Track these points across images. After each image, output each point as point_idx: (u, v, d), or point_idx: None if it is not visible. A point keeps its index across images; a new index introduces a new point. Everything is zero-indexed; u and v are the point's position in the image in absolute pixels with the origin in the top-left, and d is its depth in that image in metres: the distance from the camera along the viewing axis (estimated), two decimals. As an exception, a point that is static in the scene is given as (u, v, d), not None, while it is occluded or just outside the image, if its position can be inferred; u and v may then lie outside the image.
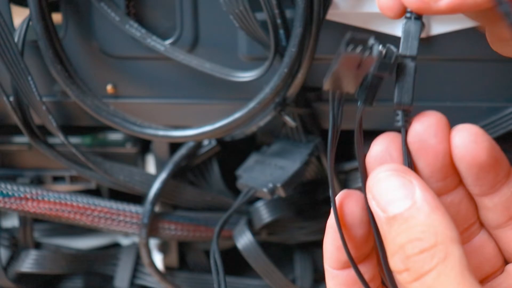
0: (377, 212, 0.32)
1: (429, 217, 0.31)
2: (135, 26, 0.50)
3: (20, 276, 0.62)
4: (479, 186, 0.35)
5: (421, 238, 0.30)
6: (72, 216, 0.56)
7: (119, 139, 0.59)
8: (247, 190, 0.54)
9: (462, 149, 0.34)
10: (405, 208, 0.31)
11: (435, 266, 0.30)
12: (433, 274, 0.30)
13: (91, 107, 0.51)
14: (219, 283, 0.47)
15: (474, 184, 0.35)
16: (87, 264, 0.64)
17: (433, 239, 0.30)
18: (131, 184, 0.56)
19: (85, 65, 0.53)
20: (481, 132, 0.34)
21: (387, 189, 0.32)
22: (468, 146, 0.33)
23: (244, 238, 0.56)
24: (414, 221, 0.31)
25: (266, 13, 0.45)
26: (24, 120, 0.52)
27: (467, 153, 0.34)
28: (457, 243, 0.30)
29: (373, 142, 0.35)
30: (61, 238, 0.67)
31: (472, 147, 0.33)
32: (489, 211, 0.36)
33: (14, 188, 0.55)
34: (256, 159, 0.55)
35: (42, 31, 0.48)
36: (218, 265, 0.48)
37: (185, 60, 0.50)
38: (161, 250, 0.63)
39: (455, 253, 0.30)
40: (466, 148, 0.34)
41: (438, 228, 0.30)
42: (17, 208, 0.56)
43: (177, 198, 0.59)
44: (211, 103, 0.54)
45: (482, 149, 0.33)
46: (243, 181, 0.54)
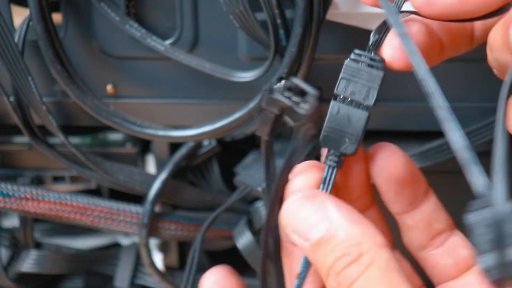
0: (301, 243, 0.32)
1: (349, 232, 0.31)
2: (135, 26, 0.50)
3: (20, 276, 0.62)
4: (398, 203, 0.36)
5: (348, 253, 0.30)
6: (72, 216, 0.56)
7: (119, 139, 0.59)
8: (243, 187, 0.54)
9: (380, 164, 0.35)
10: (324, 231, 0.31)
11: (363, 272, 0.30)
12: (361, 280, 0.30)
13: (91, 107, 0.51)
14: (187, 281, 0.47)
15: (394, 201, 0.36)
16: (87, 264, 0.64)
17: (358, 250, 0.30)
18: (131, 184, 0.56)
19: (85, 65, 0.53)
20: (397, 149, 0.35)
21: (302, 217, 0.32)
22: (385, 162, 0.35)
23: (244, 238, 0.56)
24: (336, 240, 0.31)
25: (266, 13, 0.45)
26: (24, 120, 0.52)
27: (385, 168, 0.35)
28: (384, 247, 0.31)
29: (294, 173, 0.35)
30: (62, 238, 0.67)
31: (389, 163, 0.35)
32: (411, 231, 0.37)
33: (14, 188, 0.55)
34: (254, 158, 0.56)
35: (42, 31, 0.48)
36: (194, 263, 0.48)
37: (185, 60, 0.50)
38: (161, 250, 0.63)
39: (382, 256, 0.30)
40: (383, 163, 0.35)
41: (362, 239, 0.31)
42: (17, 208, 0.56)
43: (177, 198, 0.59)
44: (211, 103, 0.54)
45: (399, 165, 0.35)
46: (240, 178, 0.54)
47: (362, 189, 0.37)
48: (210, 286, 0.38)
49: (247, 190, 0.54)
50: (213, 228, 0.58)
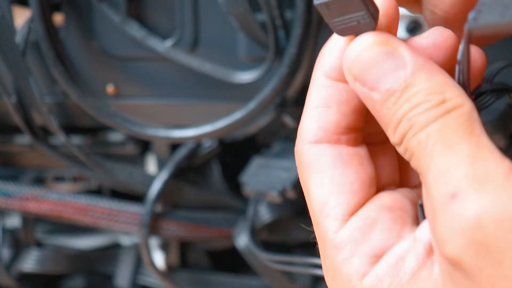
0: (365, 93, 0.28)
1: (429, 80, 0.27)
2: (135, 27, 0.50)
3: (22, 275, 0.62)
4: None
5: (427, 100, 0.27)
6: (73, 216, 0.56)
7: (120, 140, 0.59)
8: (257, 195, 0.53)
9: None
10: (399, 80, 0.27)
11: (442, 116, 0.26)
12: (439, 122, 0.26)
13: (92, 107, 0.51)
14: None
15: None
16: (88, 264, 0.64)
17: (441, 97, 0.27)
18: (132, 184, 0.57)
19: (86, 65, 0.53)
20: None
21: (370, 65, 0.28)
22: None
23: (244, 238, 0.56)
24: (414, 89, 0.27)
25: (265, 14, 0.45)
26: (25, 120, 0.52)
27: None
28: (466, 97, 0.27)
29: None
30: (63, 238, 0.67)
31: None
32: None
33: (15, 188, 0.55)
34: (259, 163, 0.55)
35: (43, 32, 0.48)
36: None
37: (185, 61, 0.50)
38: (162, 249, 0.63)
39: (466, 105, 0.27)
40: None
41: (444, 88, 0.27)
42: (18, 208, 0.56)
43: (177, 198, 0.59)
44: (211, 103, 0.54)
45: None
46: (250, 187, 0.54)
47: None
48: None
49: (261, 197, 0.53)
50: (213, 228, 0.58)
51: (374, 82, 0.28)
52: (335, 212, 0.29)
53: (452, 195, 0.25)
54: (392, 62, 0.28)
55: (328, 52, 0.31)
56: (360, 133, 0.31)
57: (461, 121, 0.26)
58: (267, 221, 0.57)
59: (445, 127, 0.26)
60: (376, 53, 0.28)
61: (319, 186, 0.30)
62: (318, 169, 0.30)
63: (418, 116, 0.27)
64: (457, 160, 0.26)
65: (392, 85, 0.28)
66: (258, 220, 0.57)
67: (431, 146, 0.26)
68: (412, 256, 0.28)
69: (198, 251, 0.64)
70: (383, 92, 0.28)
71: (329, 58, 0.30)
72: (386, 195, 0.30)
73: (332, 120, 0.30)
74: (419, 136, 0.27)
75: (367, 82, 0.28)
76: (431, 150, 0.26)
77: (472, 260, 0.25)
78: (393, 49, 0.28)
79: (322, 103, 0.30)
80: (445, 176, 0.26)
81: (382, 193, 0.31)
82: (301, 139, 0.31)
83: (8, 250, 0.61)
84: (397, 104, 0.27)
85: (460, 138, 0.26)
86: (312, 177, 0.30)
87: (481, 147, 0.26)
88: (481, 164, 0.25)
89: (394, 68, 0.28)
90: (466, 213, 0.25)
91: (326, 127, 0.30)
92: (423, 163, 0.27)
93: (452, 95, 0.27)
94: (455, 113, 0.27)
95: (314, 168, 0.30)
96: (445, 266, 0.26)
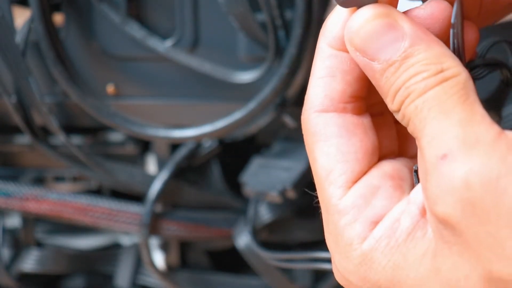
0: (365, 63, 0.29)
1: (428, 51, 0.28)
2: (136, 27, 0.50)
3: (22, 275, 0.62)
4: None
5: (425, 70, 0.28)
6: (73, 216, 0.56)
7: (120, 140, 0.59)
8: (257, 195, 0.53)
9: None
10: (399, 51, 0.28)
11: (440, 83, 0.28)
12: (436, 89, 0.27)
13: (92, 107, 0.51)
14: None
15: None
16: (89, 264, 0.64)
17: (439, 67, 0.28)
18: (132, 184, 0.57)
19: (86, 65, 0.53)
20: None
21: (371, 36, 0.29)
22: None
23: (244, 238, 0.56)
24: (413, 60, 0.28)
25: (265, 14, 0.45)
26: (25, 120, 0.52)
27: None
28: (463, 67, 0.28)
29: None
30: (63, 238, 0.67)
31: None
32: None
33: (15, 188, 0.55)
34: (259, 163, 0.55)
35: (43, 32, 0.48)
36: None
37: (185, 61, 0.50)
38: (162, 249, 0.63)
39: (462, 74, 0.28)
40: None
41: (442, 58, 0.28)
42: (18, 208, 0.56)
43: (177, 198, 0.59)
44: (211, 103, 0.54)
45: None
46: (250, 187, 0.54)
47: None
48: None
49: (261, 198, 0.53)
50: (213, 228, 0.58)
51: (375, 52, 0.29)
52: (339, 180, 0.30)
53: (442, 155, 0.27)
54: (392, 33, 0.29)
55: (331, 23, 0.31)
56: (364, 102, 0.32)
57: (457, 89, 0.27)
58: (267, 221, 0.57)
59: (441, 93, 0.27)
60: (377, 25, 0.29)
61: (325, 154, 0.31)
62: (324, 138, 0.31)
63: (416, 84, 0.28)
64: (449, 123, 0.27)
65: (391, 55, 0.29)
66: (258, 220, 0.57)
67: (426, 111, 0.27)
68: (406, 217, 0.29)
69: (198, 251, 0.65)
70: (383, 62, 0.29)
71: (332, 29, 0.31)
72: (387, 164, 0.31)
73: (337, 89, 0.31)
74: (417, 102, 0.28)
75: (367, 52, 0.29)
76: (427, 114, 0.27)
77: (460, 218, 0.26)
78: (393, 21, 0.29)
79: (327, 72, 0.31)
80: (437, 138, 0.27)
81: (383, 161, 0.32)
82: (308, 108, 0.32)
83: (8, 250, 0.61)
84: (396, 73, 0.29)
85: (455, 104, 0.27)
86: (319, 145, 0.31)
87: (473, 113, 0.27)
88: (472, 128, 0.27)
89: (394, 40, 0.29)
90: (455, 173, 0.26)
91: (332, 96, 0.31)
92: (419, 127, 0.28)
93: (449, 65, 0.28)
94: (452, 82, 0.28)
95: (320, 136, 0.31)
96: (436, 225, 0.27)
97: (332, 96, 0.31)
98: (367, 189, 0.30)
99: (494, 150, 0.26)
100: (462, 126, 0.27)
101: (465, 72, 0.28)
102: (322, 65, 0.32)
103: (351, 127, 0.31)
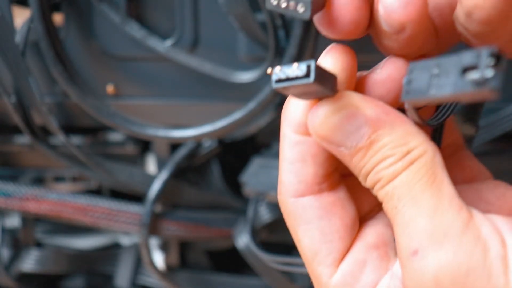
0: (332, 149, 0.30)
1: (392, 133, 0.29)
2: (135, 27, 0.50)
3: (22, 275, 0.62)
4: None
5: (392, 154, 0.29)
6: (73, 216, 0.56)
7: (120, 140, 0.59)
8: (257, 195, 0.53)
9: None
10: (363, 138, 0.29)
11: (404, 168, 0.28)
12: (403, 175, 0.28)
13: (92, 107, 0.51)
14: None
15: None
16: (88, 264, 0.64)
17: (405, 149, 0.29)
18: (132, 184, 0.57)
19: (86, 65, 0.53)
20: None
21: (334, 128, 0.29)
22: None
23: (243, 238, 0.56)
24: (379, 144, 0.29)
25: (265, 14, 0.45)
26: (25, 120, 0.52)
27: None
28: (428, 142, 0.29)
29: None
30: (63, 238, 0.67)
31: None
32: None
33: (15, 188, 0.55)
34: (259, 163, 0.55)
35: (43, 32, 0.48)
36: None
37: (185, 61, 0.50)
38: (162, 249, 0.63)
39: (428, 152, 0.29)
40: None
41: (408, 138, 0.29)
42: (18, 208, 0.56)
43: (177, 198, 0.59)
44: (211, 103, 0.54)
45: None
46: (250, 187, 0.54)
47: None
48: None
49: (262, 197, 0.53)
50: (213, 228, 0.58)
51: (340, 141, 0.30)
52: (327, 260, 0.32)
53: (414, 251, 0.28)
54: (354, 122, 0.29)
55: (292, 110, 0.32)
56: (337, 173, 0.33)
57: (425, 171, 0.28)
58: (267, 221, 0.57)
59: (410, 179, 0.28)
60: (338, 118, 0.30)
61: (309, 237, 0.32)
62: (305, 222, 0.32)
63: (385, 170, 0.29)
64: (418, 213, 0.28)
65: (357, 142, 0.29)
66: (258, 220, 0.57)
67: (396, 200, 0.29)
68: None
69: (198, 251, 0.65)
70: (350, 148, 0.30)
71: (294, 115, 0.32)
72: (370, 231, 0.32)
73: (310, 173, 0.32)
74: (387, 189, 0.29)
75: (333, 142, 0.30)
76: (397, 203, 0.29)
77: None
78: (354, 109, 0.29)
79: (297, 158, 0.32)
80: (408, 230, 0.28)
81: (366, 228, 0.33)
82: (284, 192, 0.33)
83: (8, 250, 0.61)
84: (365, 159, 0.29)
85: (423, 189, 0.28)
86: (301, 228, 0.32)
87: (441, 197, 0.28)
88: (440, 218, 0.27)
89: (357, 128, 0.29)
90: (425, 270, 0.27)
91: (306, 181, 0.32)
92: (391, 214, 0.29)
93: (415, 145, 0.29)
94: (419, 163, 0.29)
95: (301, 220, 0.32)
96: None
97: (306, 181, 0.32)
98: (354, 265, 0.31)
99: (462, 244, 0.27)
100: (431, 216, 0.27)
101: (431, 147, 0.29)
102: (291, 152, 0.32)
103: (329, 207, 0.32)
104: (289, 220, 0.33)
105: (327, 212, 0.32)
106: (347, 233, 0.32)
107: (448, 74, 0.26)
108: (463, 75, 0.26)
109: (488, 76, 0.25)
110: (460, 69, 0.26)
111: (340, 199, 0.32)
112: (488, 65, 0.25)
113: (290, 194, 0.32)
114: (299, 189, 0.32)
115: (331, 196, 0.32)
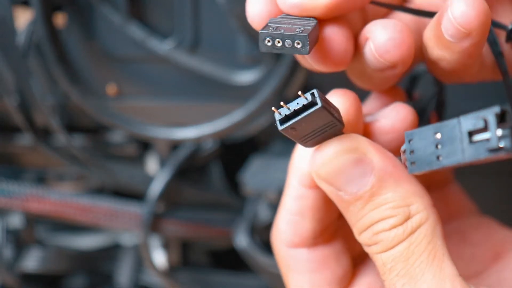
0: (331, 191, 0.29)
1: (396, 191, 0.28)
2: (136, 28, 0.50)
3: (24, 275, 0.62)
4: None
5: (393, 215, 0.28)
6: (74, 215, 0.57)
7: (121, 140, 0.59)
8: (256, 195, 0.54)
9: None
10: (366, 186, 0.28)
11: (407, 236, 0.27)
12: (404, 244, 0.27)
13: (93, 108, 0.51)
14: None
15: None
16: (90, 263, 0.64)
17: (407, 213, 0.28)
18: (133, 184, 0.57)
19: (87, 66, 0.53)
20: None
21: (337, 170, 0.28)
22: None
23: (242, 238, 0.56)
24: (380, 199, 0.28)
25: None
26: (27, 121, 0.52)
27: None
28: (431, 208, 0.28)
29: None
30: (64, 238, 0.67)
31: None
32: None
33: (17, 188, 0.55)
34: (258, 163, 0.55)
35: (45, 33, 0.48)
36: None
37: (185, 62, 0.50)
38: (163, 249, 0.63)
39: (430, 221, 0.28)
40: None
41: (410, 199, 0.28)
42: (20, 208, 0.57)
43: (178, 198, 0.59)
44: (211, 103, 0.54)
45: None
46: (250, 187, 0.54)
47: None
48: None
49: (262, 196, 0.53)
50: (214, 228, 0.59)
51: (341, 185, 0.29)
52: None
53: None
54: (360, 168, 0.28)
55: (300, 161, 0.31)
56: (334, 225, 0.32)
57: (425, 243, 0.27)
58: (267, 221, 0.57)
59: (410, 252, 0.27)
60: (344, 161, 0.28)
61: (299, 287, 0.32)
62: (297, 271, 0.32)
63: (385, 233, 0.28)
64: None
65: (358, 189, 0.28)
66: (258, 220, 0.57)
67: (395, 276, 0.28)
68: None
69: (199, 250, 0.65)
70: (350, 194, 0.28)
71: (301, 165, 0.31)
72: (361, 282, 0.32)
73: (307, 228, 0.32)
74: (384, 257, 0.28)
75: (334, 184, 0.29)
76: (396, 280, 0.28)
77: None
78: (362, 155, 0.28)
79: (297, 210, 0.32)
80: None
81: (358, 278, 0.32)
82: (279, 239, 0.32)
83: (10, 249, 0.62)
84: (363, 210, 0.28)
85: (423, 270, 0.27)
86: (293, 277, 0.32)
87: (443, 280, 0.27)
88: None
89: (362, 174, 0.28)
90: None
91: (302, 235, 0.32)
92: (387, 285, 0.28)
93: (417, 209, 0.28)
94: (420, 233, 0.28)
95: (293, 269, 0.32)
96: None
97: (302, 235, 0.32)
98: None
99: None
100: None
101: (432, 215, 0.28)
102: (292, 203, 0.32)
103: (322, 261, 0.32)
104: (281, 266, 0.33)
105: (320, 266, 0.32)
106: (338, 285, 0.32)
107: (453, 141, 0.26)
108: (470, 139, 0.25)
109: (501, 140, 0.24)
110: (465, 134, 0.25)
111: (334, 252, 0.32)
112: (497, 127, 0.24)
113: (284, 243, 0.32)
114: (294, 240, 0.32)
115: (325, 249, 0.32)
